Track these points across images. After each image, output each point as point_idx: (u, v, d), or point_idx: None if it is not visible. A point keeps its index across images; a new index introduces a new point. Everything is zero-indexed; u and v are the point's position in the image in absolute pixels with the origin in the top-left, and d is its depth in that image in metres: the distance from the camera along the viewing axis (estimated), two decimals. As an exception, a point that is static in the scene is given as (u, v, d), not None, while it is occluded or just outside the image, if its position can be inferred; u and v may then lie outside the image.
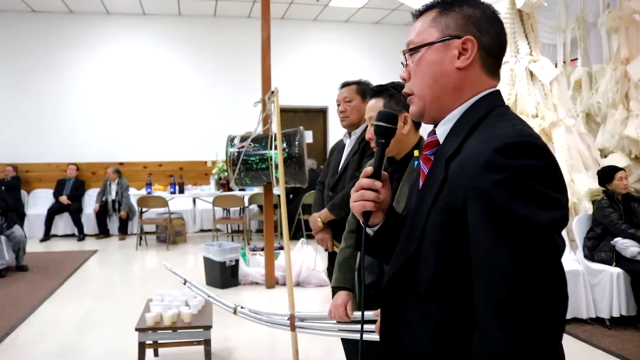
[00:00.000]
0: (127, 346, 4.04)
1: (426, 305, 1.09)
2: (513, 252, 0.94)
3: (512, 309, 0.93)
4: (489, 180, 0.96)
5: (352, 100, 3.10)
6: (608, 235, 4.59)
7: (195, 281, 3.46)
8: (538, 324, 0.92)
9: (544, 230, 0.94)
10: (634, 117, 5.45)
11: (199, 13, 10.35)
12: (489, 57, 1.15)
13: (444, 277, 1.06)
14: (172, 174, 9.85)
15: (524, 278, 0.93)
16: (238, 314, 2.80)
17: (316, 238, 3.20)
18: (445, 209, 1.05)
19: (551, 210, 0.95)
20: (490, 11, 1.16)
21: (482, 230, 0.98)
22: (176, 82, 10.41)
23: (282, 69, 9.63)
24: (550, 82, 5.17)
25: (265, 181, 5.58)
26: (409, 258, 1.13)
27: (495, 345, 0.94)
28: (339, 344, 3.26)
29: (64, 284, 6.09)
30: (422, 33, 1.17)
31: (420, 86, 1.16)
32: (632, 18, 5.69)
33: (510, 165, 0.95)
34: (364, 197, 1.21)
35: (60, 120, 9.91)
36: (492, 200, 0.96)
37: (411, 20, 1.27)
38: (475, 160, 1.00)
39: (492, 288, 0.96)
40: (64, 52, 9.96)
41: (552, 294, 0.94)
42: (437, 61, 1.14)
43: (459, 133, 1.11)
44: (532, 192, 0.95)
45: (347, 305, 2.20)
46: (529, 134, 1.00)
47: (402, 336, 1.16)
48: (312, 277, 5.96)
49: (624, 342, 4.08)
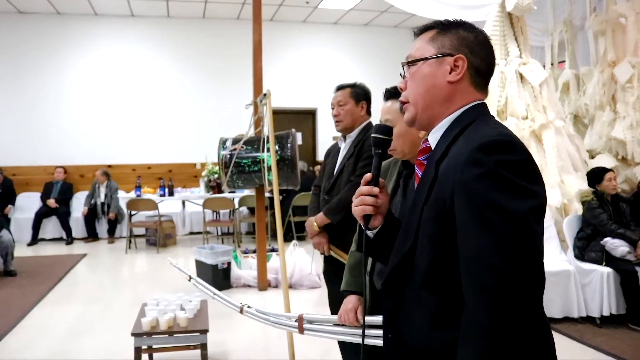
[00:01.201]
0: (121, 351, 4.03)
1: (423, 294, 1.21)
2: (493, 238, 1.04)
3: (492, 290, 1.03)
4: (470, 174, 1.09)
5: (346, 104, 3.06)
6: (598, 235, 4.66)
7: (189, 284, 3.43)
8: (517, 303, 1.02)
9: (520, 218, 1.04)
10: (621, 119, 5.53)
11: (187, 15, 10.32)
12: (478, 76, 1.29)
13: (438, 267, 1.18)
14: (161, 177, 9.82)
15: (503, 261, 1.03)
16: (245, 314, 2.75)
17: (313, 242, 3.20)
18: (436, 204, 1.18)
19: (527, 199, 1.06)
20: (482, 36, 1.31)
21: (466, 219, 1.10)
22: (165, 84, 10.38)
23: (272, 70, 9.62)
24: (539, 84, 5.23)
25: (258, 183, 5.57)
26: (406, 252, 1.25)
27: (479, 324, 1.04)
28: (335, 347, 3.26)
29: (54, 289, 6.04)
30: (420, 49, 1.32)
31: (414, 95, 1.31)
32: (618, 22, 5.78)
33: (489, 160, 1.08)
34: (363, 202, 1.36)
35: (48, 123, 9.83)
36: (474, 191, 1.08)
37: (400, 22, 1.40)
38: (460, 159, 1.13)
39: (475, 271, 1.07)
40: (51, 54, 9.89)
41: (529, 275, 1.03)
42: (431, 74, 1.29)
43: (447, 139, 1.25)
44: (509, 183, 1.06)
45: (358, 310, 2.18)
46: (505, 134, 1.14)
47: (403, 325, 1.28)
48: (305, 279, 5.97)
49: (614, 341, 4.14)
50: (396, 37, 11.35)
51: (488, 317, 1.03)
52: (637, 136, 5.37)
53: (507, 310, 1.02)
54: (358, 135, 3.05)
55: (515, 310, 1.02)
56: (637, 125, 5.39)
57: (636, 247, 4.48)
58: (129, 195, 8.95)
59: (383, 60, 11.12)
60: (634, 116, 5.43)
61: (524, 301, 1.02)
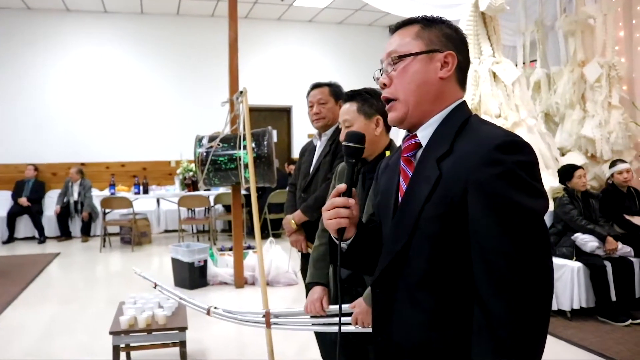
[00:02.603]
0: (98, 350, 4.00)
1: (419, 294, 1.20)
2: (513, 236, 1.07)
3: (511, 283, 1.06)
4: (489, 173, 1.10)
5: (327, 102, 3.09)
6: (569, 231, 4.78)
7: (164, 282, 3.43)
8: (536, 299, 1.06)
9: (536, 215, 1.09)
10: (590, 118, 5.66)
11: (161, 11, 10.23)
12: (461, 72, 1.30)
13: (438, 267, 1.18)
14: (135, 175, 9.71)
15: (521, 256, 1.06)
16: (212, 315, 2.80)
17: (290, 240, 3.23)
18: (441, 203, 1.16)
19: (539, 199, 1.11)
20: (461, 34, 1.32)
21: (483, 219, 1.10)
22: (138, 81, 10.27)
23: (246, 68, 9.59)
24: (512, 83, 5.32)
25: (234, 181, 5.57)
26: (399, 252, 1.23)
27: (496, 317, 1.06)
28: (313, 342, 3.29)
29: (27, 289, 5.95)
30: (407, 45, 1.28)
31: (405, 92, 1.27)
32: (587, 23, 5.91)
33: (507, 160, 1.09)
34: (338, 214, 1.29)
35: (19, 120, 9.65)
36: (493, 190, 1.09)
37: (374, 20, 1.39)
38: (472, 158, 1.13)
39: (492, 266, 1.08)
40: (21, 50, 9.70)
41: (544, 269, 1.08)
42: (421, 70, 1.26)
43: (445, 136, 1.22)
44: (525, 183, 1.09)
45: (323, 300, 2.27)
46: (516, 135, 1.16)
47: (394, 326, 1.26)
48: (282, 276, 5.98)
49: (584, 333, 4.26)
50: (370, 36, 11.42)
51: (508, 314, 1.05)
52: (606, 134, 5.50)
53: (528, 306, 1.05)
54: (334, 133, 3.08)
55: (535, 306, 1.05)
56: (606, 124, 5.53)
57: (605, 242, 4.62)
58: (103, 193, 8.85)
59: (357, 58, 11.18)
60: (602, 115, 5.56)
61: (542, 297, 1.07)
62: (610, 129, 5.50)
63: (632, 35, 5.83)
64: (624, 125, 5.53)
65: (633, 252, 4.74)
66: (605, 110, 5.59)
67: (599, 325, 4.45)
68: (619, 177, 5.05)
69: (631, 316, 4.44)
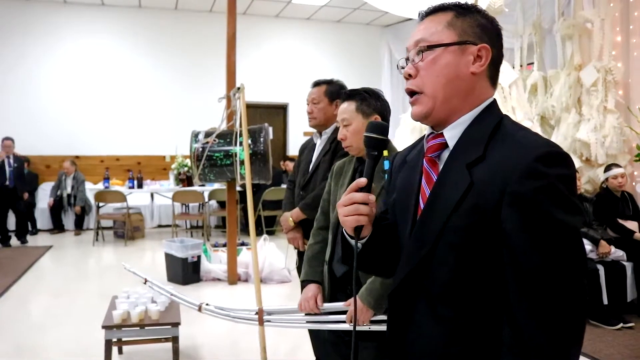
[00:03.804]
0: (90, 344, 3.98)
1: (439, 307, 1.12)
2: (550, 252, 1.00)
3: (546, 305, 0.99)
4: (529, 187, 1.01)
5: (319, 102, 3.07)
6: (562, 234, 4.80)
7: (157, 278, 3.42)
8: (569, 318, 1.00)
9: (576, 234, 1.02)
10: (586, 121, 5.68)
11: (159, 6, 10.19)
12: (493, 68, 1.19)
13: (461, 280, 1.10)
14: (130, 169, 9.68)
15: (558, 276, 1.00)
16: (203, 311, 2.79)
17: (287, 237, 3.22)
18: (472, 213, 1.07)
19: (577, 215, 1.04)
20: (497, 25, 1.21)
21: (521, 232, 1.02)
22: (135, 75, 10.23)
23: (243, 64, 9.57)
24: (509, 85, 5.34)
25: (230, 177, 5.57)
26: (421, 260, 1.14)
27: (529, 339, 1.00)
28: (306, 340, 3.30)
29: (19, 281, 5.93)
30: (438, 34, 1.16)
31: (434, 85, 1.16)
32: (584, 27, 5.93)
33: (550, 174, 1.01)
34: (358, 211, 1.17)
35: (13, 112, 9.58)
36: (533, 205, 1.02)
37: (372, 19, 1.31)
38: (511, 168, 1.04)
39: (528, 286, 1.01)
40: (16, 41, 9.64)
41: (580, 290, 1.01)
42: (453, 63, 1.15)
43: (476, 139, 1.13)
44: (565, 199, 1.02)
45: (317, 298, 2.27)
46: (556, 145, 1.08)
47: (413, 337, 1.18)
48: (275, 273, 5.98)
49: (575, 336, 4.28)
50: (368, 34, 11.42)
51: (543, 336, 0.99)
52: (601, 138, 5.52)
53: (562, 328, 0.99)
54: (334, 131, 3.07)
55: (570, 329, 1.00)
56: (601, 128, 5.55)
57: (598, 246, 4.64)
58: (97, 186, 8.82)
59: (355, 57, 11.20)
60: (598, 119, 5.58)
61: (577, 319, 1.01)
62: (605, 133, 5.52)
63: (629, 40, 5.85)
64: (619, 130, 5.55)
65: (625, 256, 4.76)
66: (601, 114, 5.61)
67: (590, 328, 4.46)
68: (614, 181, 5.07)
69: (622, 320, 4.46)
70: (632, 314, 4.63)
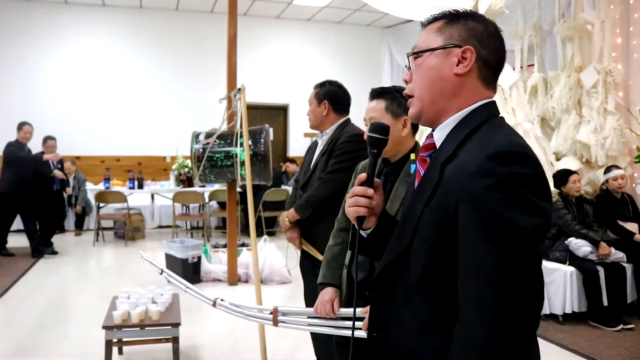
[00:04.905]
0: (90, 345, 3.98)
1: (414, 297, 1.17)
2: (499, 254, 1.00)
3: (493, 306, 1.00)
4: (480, 184, 1.04)
5: (311, 104, 3.15)
6: (562, 235, 4.81)
7: (157, 278, 3.39)
8: (516, 321, 0.99)
9: (528, 235, 1.01)
10: (586, 123, 5.69)
11: (160, 6, 10.20)
12: (486, 68, 1.22)
13: (434, 272, 1.14)
14: (130, 169, 9.68)
15: (507, 279, 0.99)
16: (217, 307, 2.74)
17: (286, 237, 3.24)
18: (438, 209, 1.13)
19: (535, 217, 1.02)
20: (492, 27, 1.24)
21: (470, 230, 1.05)
22: (135, 76, 10.24)
23: (244, 65, 9.56)
24: (509, 86, 5.35)
25: (230, 178, 5.57)
26: (400, 253, 1.20)
27: (475, 338, 1.01)
28: (306, 341, 3.30)
29: (19, 282, 5.93)
30: (427, 40, 1.25)
31: (421, 88, 1.24)
32: (585, 28, 5.94)
33: (501, 172, 1.02)
34: (357, 203, 1.30)
35: (13, 112, 9.57)
36: (482, 203, 1.03)
37: (373, 21, 1.36)
38: (469, 166, 1.07)
39: (476, 285, 1.03)
40: (17, 41, 9.65)
41: (532, 295, 1.01)
42: (437, 66, 1.21)
43: (455, 139, 1.17)
44: (520, 197, 1.01)
45: (334, 302, 2.22)
46: (520, 144, 1.08)
47: (389, 325, 1.24)
48: (275, 274, 5.99)
49: (575, 337, 4.29)
50: (369, 36, 11.43)
51: (485, 333, 1.00)
52: (601, 140, 5.53)
53: (504, 327, 0.99)
54: (333, 132, 3.09)
55: (513, 329, 1.00)
56: (601, 129, 5.56)
57: (598, 248, 4.64)
58: (98, 187, 8.83)
59: (355, 58, 11.21)
60: (598, 120, 5.59)
61: (522, 320, 1.00)
62: (606, 135, 5.53)
63: (629, 42, 5.86)
64: (619, 131, 5.56)
65: (625, 258, 4.77)
66: (601, 115, 5.62)
67: (590, 329, 4.48)
68: (614, 183, 5.07)
69: (622, 321, 4.47)
70: (632, 316, 4.65)
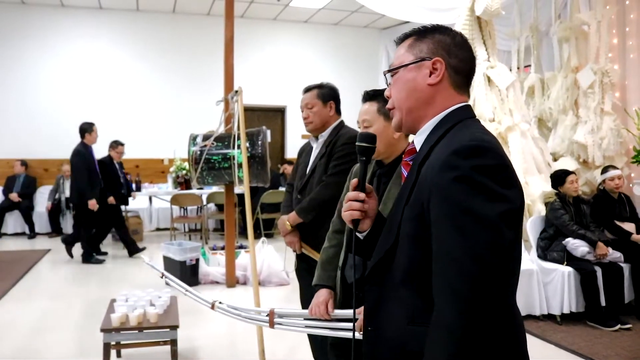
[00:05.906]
0: (88, 347, 3.99)
1: (401, 290, 1.26)
2: (464, 240, 1.08)
3: (461, 292, 1.07)
4: (445, 177, 1.13)
5: (314, 106, 3.07)
6: (560, 235, 4.81)
7: (155, 280, 3.39)
8: (484, 305, 1.06)
9: (492, 222, 1.08)
10: (583, 123, 5.71)
11: (157, 9, 10.21)
12: (457, 75, 1.33)
13: (417, 265, 1.22)
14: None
15: (472, 264, 1.06)
16: (216, 309, 2.77)
17: (285, 240, 3.22)
18: (415, 205, 1.22)
19: (498, 203, 1.09)
20: (459, 38, 1.36)
21: (439, 221, 1.14)
22: (133, 78, 10.23)
23: (241, 67, 9.57)
24: (506, 87, 5.36)
25: (228, 180, 5.57)
26: (388, 250, 1.30)
27: (447, 325, 1.08)
28: (304, 343, 3.30)
29: (17, 285, 5.92)
30: (400, 57, 1.37)
31: (398, 100, 1.36)
32: (581, 29, 5.96)
33: (464, 165, 1.12)
34: (351, 207, 1.40)
35: (10, 116, 9.59)
36: (449, 195, 1.12)
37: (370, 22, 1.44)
38: (437, 162, 1.17)
39: (445, 273, 1.11)
40: (14, 44, 9.64)
41: (497, 278, 1.07)
42: (412, 79, 1.33)
43: (430, 141, 1.29)
44: (482, 187, 1.10)
45: (329, 303, 2.23)
46: (483, 139, 1.17)
47: (382, 319, 1.33)
48: (273, 276, 5.98)
49: (573, 337, 4.29)
50: (366, 37, 11.45)
51: (455, 319, 1.06)
52: (598, 140, 5.55)
53: (473, 312, 1.05)
54: (330, 135, 3.07)
55: (482, 313, 1.05)
56: (598, 130, 5.57)
57: (595, 248, 4.65)
58: (95, 190, 8.78)
59: (352, 60, 11.22)
60: (594, 121, 5.61)
61: (490, 304, 1.06)
62: (603, 135, 5.55)
63: (625, 42, 5.88)
64: (616, 132, 5.58)
65: (623, 258, 4.77)
66: (598, 116, 5.64)
67: (588, 329, 4.48)
68: (611, 183, 5.08)
69: (620, 321, 4.47)
70: (629, 316, 4.64)
